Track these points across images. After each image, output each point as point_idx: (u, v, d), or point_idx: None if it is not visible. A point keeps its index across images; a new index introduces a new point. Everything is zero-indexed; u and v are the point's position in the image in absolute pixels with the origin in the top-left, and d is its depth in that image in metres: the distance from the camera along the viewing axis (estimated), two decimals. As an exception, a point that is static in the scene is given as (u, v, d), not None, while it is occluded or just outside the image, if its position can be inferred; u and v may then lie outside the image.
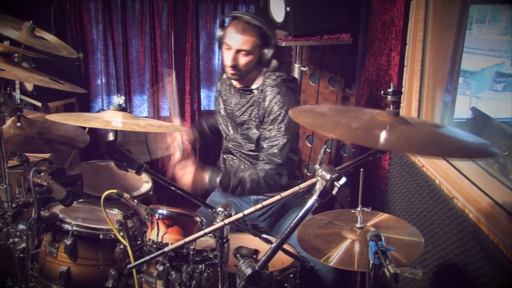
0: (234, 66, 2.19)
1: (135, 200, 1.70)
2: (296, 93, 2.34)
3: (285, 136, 2.17)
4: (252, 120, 2.28)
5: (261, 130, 2.24)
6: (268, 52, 2.21)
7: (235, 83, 2.35)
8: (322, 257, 1.41)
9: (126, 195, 1.67)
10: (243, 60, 2.19)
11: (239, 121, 2.33)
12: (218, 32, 2.29)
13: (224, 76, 2.47)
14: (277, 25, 2.67)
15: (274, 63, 2.29)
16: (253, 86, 2.29)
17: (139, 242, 1.75)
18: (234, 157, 2.41)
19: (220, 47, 2.31)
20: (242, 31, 2.16)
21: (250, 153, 2.32)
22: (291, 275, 1.82)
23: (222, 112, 2.45)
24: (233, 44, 2.17)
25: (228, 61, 2.20)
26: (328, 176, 1.18)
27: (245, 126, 2.31)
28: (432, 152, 1.35)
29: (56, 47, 1.99)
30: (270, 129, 2.19)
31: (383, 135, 1.19)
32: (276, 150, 2.17)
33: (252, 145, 2.29)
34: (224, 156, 2.48)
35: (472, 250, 1.63)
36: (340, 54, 3.09)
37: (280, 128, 2.17)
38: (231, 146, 2.41)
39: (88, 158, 3.02)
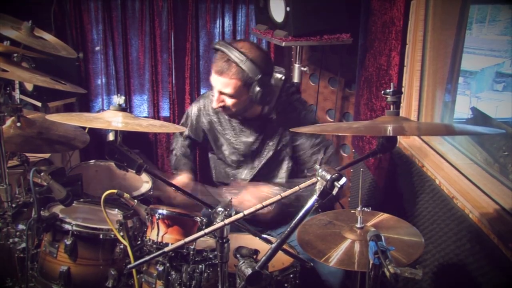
0: (223, 107, 1.93)
1: (135, 200, 1.70)
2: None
3: (329, 140, 2.13)
4: (271, 149, 2.08)
5: (300, 151, 2.07)
6: (258, 92, 1.84)
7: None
8: (322, 257, 1.41)
9: (126, 195, 1.67)
10: (229, 101, 1.90)
11: (258, 154, 2.11)
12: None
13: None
14: (277, 25, 2.67)
15: (278, 77, 2.01)
16: (264, 113, 2.04)
17: (139, 242, 1.75)
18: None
19: None
20: (220, 72, 1.84)
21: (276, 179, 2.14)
22: (291, 275, 1.82)
23: (224, 147, 2.16)
24: (214, 84, 1.90)
25: (213, 103, 1.94)
26: (328, 176, 1.18)
27: (264, 156, 2.11)
28: (444, 132, 1.49)
29: (55, 47, 1.99)
30: (312, 145, 2.04)
31: (389, 127, 1.21)
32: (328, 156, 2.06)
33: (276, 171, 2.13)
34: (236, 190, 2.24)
35: (472, 250, 1.63)
36: (340, 54, 3.09)
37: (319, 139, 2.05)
38: (245, 179, 2.17)
39: (88, 158, 3.03)
